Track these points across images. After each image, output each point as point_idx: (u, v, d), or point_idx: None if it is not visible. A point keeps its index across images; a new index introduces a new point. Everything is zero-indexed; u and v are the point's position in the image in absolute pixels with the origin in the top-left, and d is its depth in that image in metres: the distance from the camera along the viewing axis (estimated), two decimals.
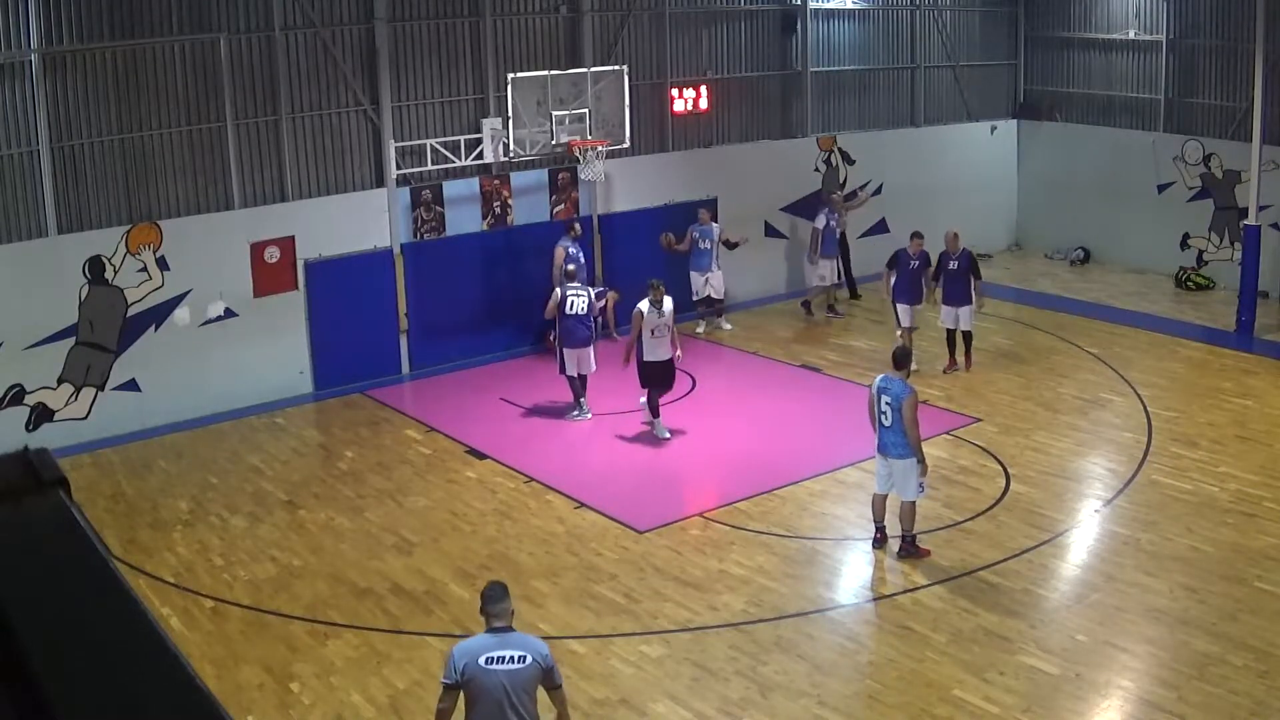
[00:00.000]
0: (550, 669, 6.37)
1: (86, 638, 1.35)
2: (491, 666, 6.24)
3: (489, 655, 6.27)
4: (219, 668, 9.06)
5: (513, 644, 6.34)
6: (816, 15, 20.46)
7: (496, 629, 6.39)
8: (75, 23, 13.78)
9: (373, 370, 16.16)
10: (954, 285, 15.42)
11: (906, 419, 10.13)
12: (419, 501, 12.31)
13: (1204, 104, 20.43)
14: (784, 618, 9.62)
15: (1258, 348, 16.54)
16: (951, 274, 15.45)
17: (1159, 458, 12.68)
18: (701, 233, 17.83)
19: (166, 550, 11.34)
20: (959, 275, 15.43)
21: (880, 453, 10.48)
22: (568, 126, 16.07)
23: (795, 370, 16.31)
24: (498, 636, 6.36)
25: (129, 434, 14.29)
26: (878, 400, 10.36)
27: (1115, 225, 21.45)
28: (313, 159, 15.85)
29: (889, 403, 10.26)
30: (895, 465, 10.35)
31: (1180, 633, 9.14)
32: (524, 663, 6.29)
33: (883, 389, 10.37)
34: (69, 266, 13.95)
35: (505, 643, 6.33)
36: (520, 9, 17.25)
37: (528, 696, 6.30)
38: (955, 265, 15.47)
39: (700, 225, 17.87)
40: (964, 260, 15.47)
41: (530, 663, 6.29)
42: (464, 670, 6.26)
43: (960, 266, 15.44)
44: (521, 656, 6.29)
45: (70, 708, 1.24)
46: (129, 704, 1.29)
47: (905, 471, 10.32)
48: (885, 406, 10.29)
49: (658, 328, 13.43)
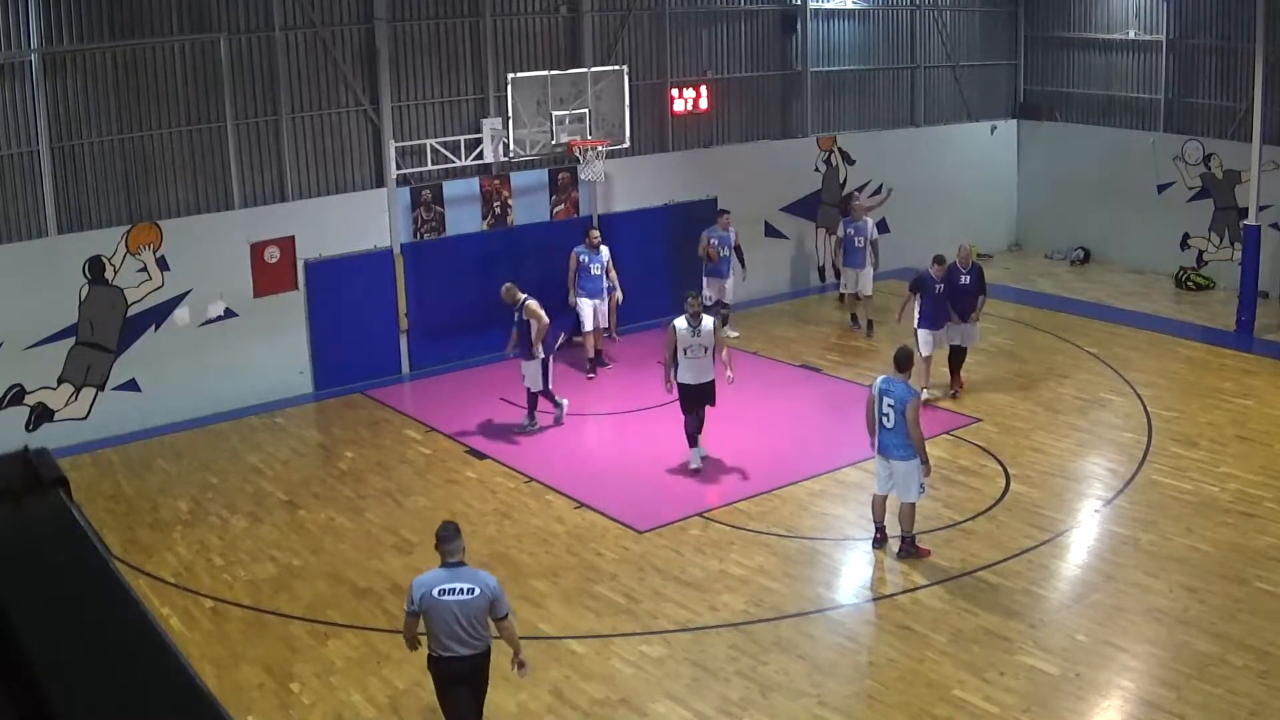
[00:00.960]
0: (496, 599, 7.24)
1: (86, 638, 1.35)
2: (444, 597, 7.17)
3: (441, 588, 7.20)
4: (219, 668, 9.06)
5: (463, 577, 7.24)
6: (816, 15, 20.46)
7: (449, 564, 7.29)
8: (75, 23, 13.78)
9: (373, 370, 16.16)
10: (964, 302, 14.59)
11: (910, 420, 10.12)
12: (419, 501, 12.31)
13: (1204, 104, 20.43)
14: (784, 618, 9.62)
15: (1258, 348, 16.55)
16: (962, 290, 14.60)
17: (1159, 458, 12.68)
18: (720, 240, 17.23)
19: (166, 550, 11.33)
20: (970, 291, 14.63)
21: (881, 454, 10.47)
22: (568, 126, 16.07)
23: (795, 370, 16.31)
24: (450, 571, 7.27)
25: (129, 434, 14.29)
26: (879, 402, 10.35)
27: (1115, 225, 21.45)
28: (313, 159, 15.85)
29: (891, 405, 10.25)
30: (896, 467, 10.34)
31: (1180, 633, 9.14)
32: (473, 594, 7.21)
33: (885, 391, 10.35)
34: (69, 266, 13.95)
35: (456, 576, 7.24)
36: (520, 9, 17.24)
37: (477, 621, 7.25)
38: (967, 280, 14.65)
39: (719, 231, 17.29)
40: (975, 275, 14.72)
41: (479, 594, 7.20)
42: (420, 601, 7.22)
43: (972, 282, 14.66)
44: (470, 589, 7.21)
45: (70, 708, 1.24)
46: (129, 704, 1.29)
47: (907, 473, 10.31)
48: (887, 408, 10.28)
49: (692, 347, 12.21)
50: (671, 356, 12.34)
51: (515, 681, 8.74)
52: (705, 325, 12.25)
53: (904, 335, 14.54)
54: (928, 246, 17.38)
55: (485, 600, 7.24)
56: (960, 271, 14.68)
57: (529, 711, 8.40)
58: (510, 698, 8.53)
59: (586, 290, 16.21)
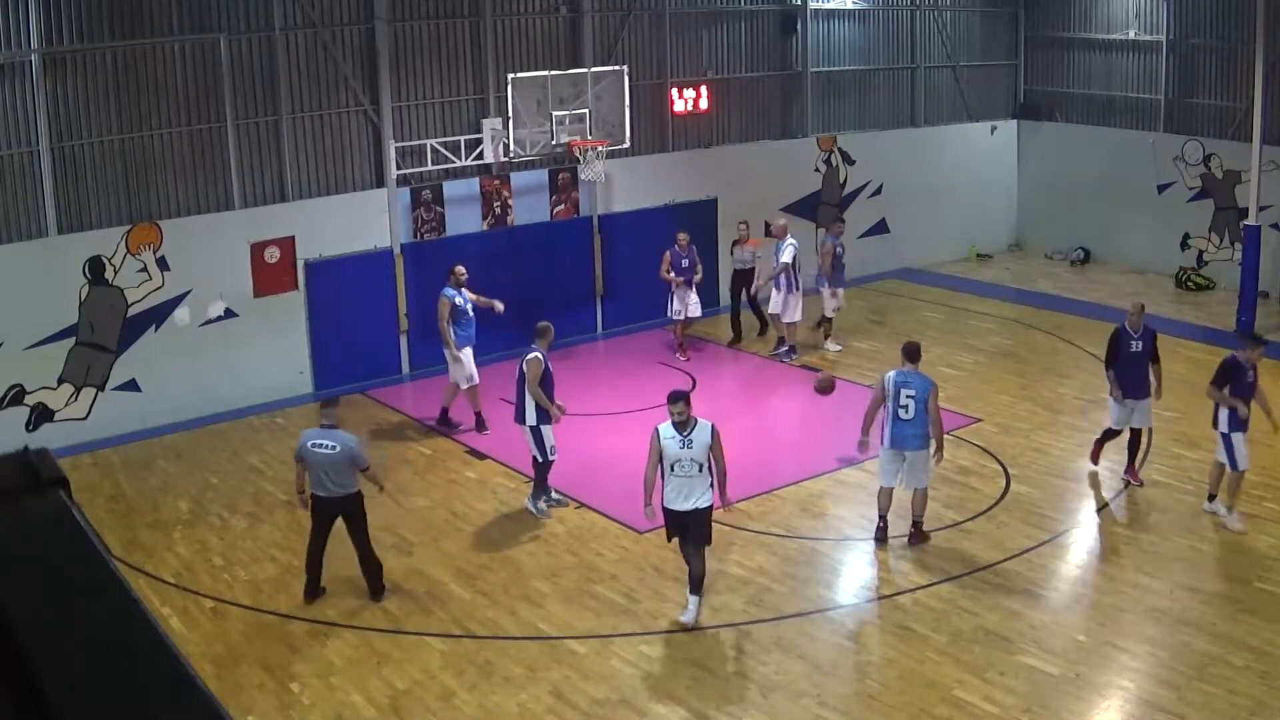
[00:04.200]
0: (354, 456, 9.61)
1: (86, 638, 1.35)
2: (315, 449, 9.65)
3: (313, 441, 9.69)
4: (219, 668, 9.06)
5: (330, 437, 9.65)
6: (816, 15, 20.46)
7: (324, 425, 9.77)
8: (75, 23, 13.78)
9: (373, 370, 16.16)
10: (1134, 371, 11.83)
11: (933, 410, 10.37)
12: (419, 501, 12.31)
13: (1204, 104, 20.43)
14: (784, 618, 9.62)
15: None
16: (1132, 357, 11.87)
17: (1159, 458, 12.68)
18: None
19: (166, 550, 11.33)
20: (1141, 358, 11.89)
21: (895, 446, 10.54)
22: (568, 126, 16.07)
23: (795, 370, 16.31)
24: (323, 430, 9.74)
25: (129, 434, 14.29)
26: (896, 395, 10.46)
27: (1115, 225, 21.45)
28: (313, 159, 15.85)
29: (911, 395, 10.40)
30: (914, 457, 10.49)
31: (1180, 633, 9.14)
32: (334, 450, 9.57)
33: (902, 383, 10.50)
34: (69, 266, 13.94)
35: (325, 435, 9.68)
36: (520, 9, 17.24)
37: (338, 473, 9.63)
38: (1138, 346, 11.91)
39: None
40: (1148, 340, 11.94)
41: (339, 450, 9.56)
42: (300, 450, 9.77)
43: (1144, 348, 11.91)
44: (333, 445, 9.57)
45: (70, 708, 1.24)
46: (129, 704, 1.29)
47: (922, 461, 10.51)
48: (906, 399, 10.42)
49: (680, 462, 9.28)
50: (653, 470, 9.43)
51: (516, 681, 8.76)
52: (699, 438, 9.24)
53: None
54: (928, 247, 17.41)
55: (345, 455, 9.54)
56: (1131, 336, 11.96)
57: (529, 711, 8.39)
58: (510, 698, 8.53)
59: (464, 337, 13.85)
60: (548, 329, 11.92)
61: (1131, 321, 11.99)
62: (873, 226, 21.09)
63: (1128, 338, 11.94)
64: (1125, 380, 11.81)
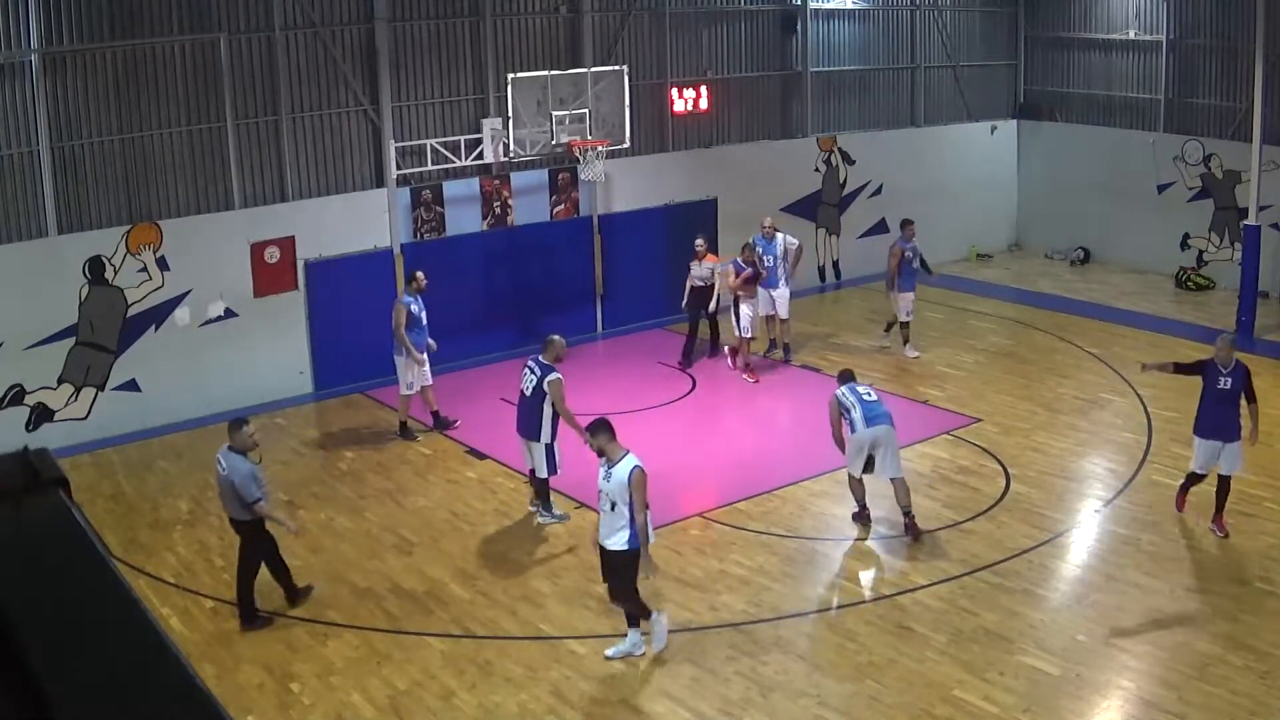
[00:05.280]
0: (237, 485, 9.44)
1: (86, 638, 1.35)
2: (219, 470, 9.65)
3: (218, 458, 9.72)
4: (219, 668, 9.06)
5: (227, 459, 9.56)
6: (816, 15, 20.46)
7: (229, 447, 9.64)
8: (75, 23, 13.78)
9: (373, 370, 16.12)
10: (1223, 411, 10.75)
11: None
12: (419, 501, 12.31)
13: (1204, 104, 20.43)
14: (784, 618, 9.62)
15: (1258, 348, 16.50)
16: (1221, 395, 10.79)
17: (1159, 458, 12.69)
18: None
19: (166, 550, 11.34)
20: (1231, 397, 10.78)
21: (873, 424, 10.86)
22: (568, 126, 16.06)
23: (795, 370, 16.30)
24: (224, 451, 9.65)
25: (129, 434, 14.29)
26: (850, 395, 11.07)
27: (1115, 225, 21.45)
28: (313, 159, 15.85)
29: (866, 386, 11.39)
30: (885, 435, 10.84)
31: (1180, 633, 9.14)
32: (224, 473, 9.56)
33: (851, 390, 11.15)
34: (69, 266, 13.94)
35: (224, 455, 9.61)
36: (520, 9, 17.24)
37: (226, 498, 9.70)
38: (1227, 384, 10.79)
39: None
40: (1239, 377, 10.81)
41: (226, 474, 9.53)
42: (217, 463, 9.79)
43: (1234, 385, 10.79)
44: (224, 469, 9.55)
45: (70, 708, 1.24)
46: (128, 704, 1.29)
47: (893, 444, 10.89)
48: (864, 390, 11.19)
49: (599, 494, 8.73)
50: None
51: (516, 681, 8.76)
52: (618, 472, 8.54)
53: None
54: (928, 247, 17.41)
55: (229, 482, 9.50)
56: (1220, 372, 10.86)
57: (529, 711, 8.39)
58: (510, 698, 8.54)
59: (420, 344, 13.75)
60: (560, 344, 11.61)
61: (1220, 357, 10.84)
62: (872, 226, 21.09)
63: (1216, 373, 10.84)
64: (1211, 421, 10.79)
